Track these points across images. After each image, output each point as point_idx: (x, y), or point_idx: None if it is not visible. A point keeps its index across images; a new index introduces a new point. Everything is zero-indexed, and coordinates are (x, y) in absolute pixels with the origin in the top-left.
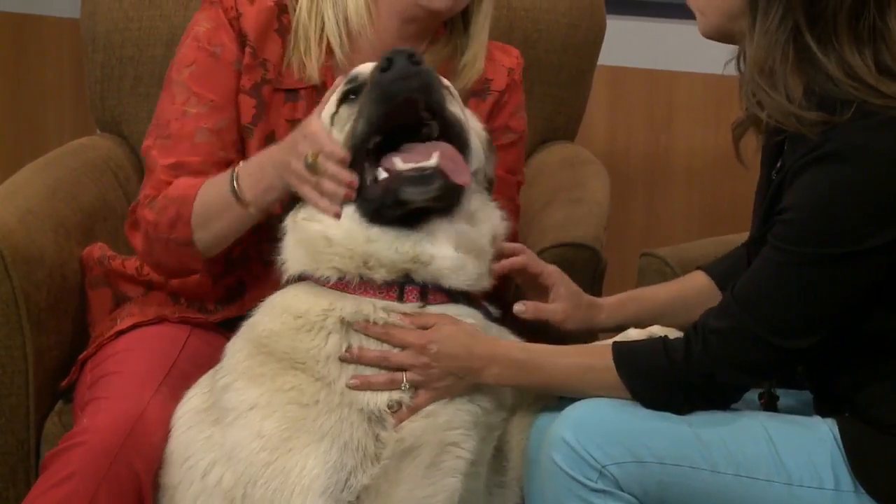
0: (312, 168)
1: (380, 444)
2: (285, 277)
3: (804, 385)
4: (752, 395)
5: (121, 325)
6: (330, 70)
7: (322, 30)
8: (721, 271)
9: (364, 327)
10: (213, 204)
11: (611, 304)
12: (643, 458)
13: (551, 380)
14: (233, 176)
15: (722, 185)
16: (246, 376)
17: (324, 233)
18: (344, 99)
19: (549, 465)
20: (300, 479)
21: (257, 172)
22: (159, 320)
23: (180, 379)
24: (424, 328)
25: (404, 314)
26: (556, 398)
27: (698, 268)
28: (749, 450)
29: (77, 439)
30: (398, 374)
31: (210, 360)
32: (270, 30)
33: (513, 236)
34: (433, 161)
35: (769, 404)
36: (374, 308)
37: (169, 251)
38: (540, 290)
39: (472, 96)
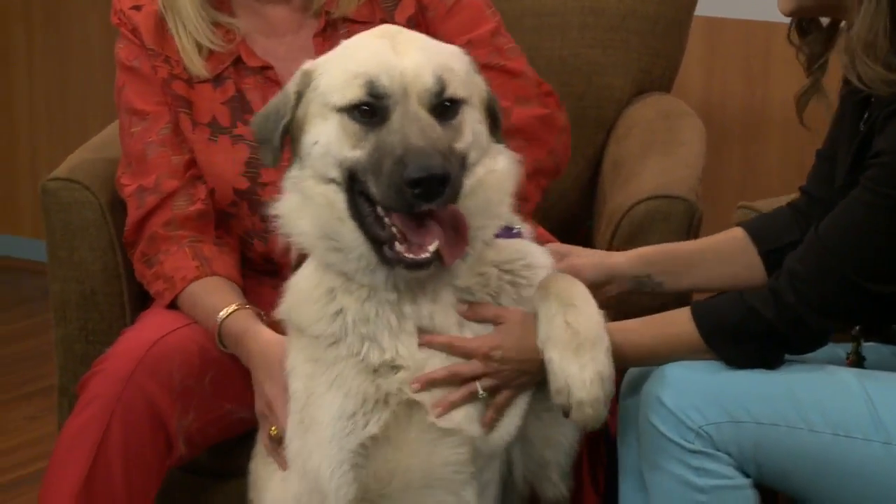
0: (275, 439)
1: (380, 392)
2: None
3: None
4: (841, 352)
5: None
6: (242, 42)
7: (195, 40)
8: (759, 228)
9: (428, 340)
10: (196, 311)
11: (632, 252)
12: (739, 418)
13: (631, 357)
14: (220, 323)
15: (819, 137)
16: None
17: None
18: (357, 109)
19: (645, 426)
20: (317, 433)
21: (239, 351)
22: None
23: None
24: (489, 322)
25: (467, 302)
26: None
27: (738, 224)
28: (847, 409)
29: (98, 367)
30: (473, 385)
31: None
32: (164, 29)
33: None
34: (431, 249)
35: (856, 365)
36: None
37: None
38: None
39: None
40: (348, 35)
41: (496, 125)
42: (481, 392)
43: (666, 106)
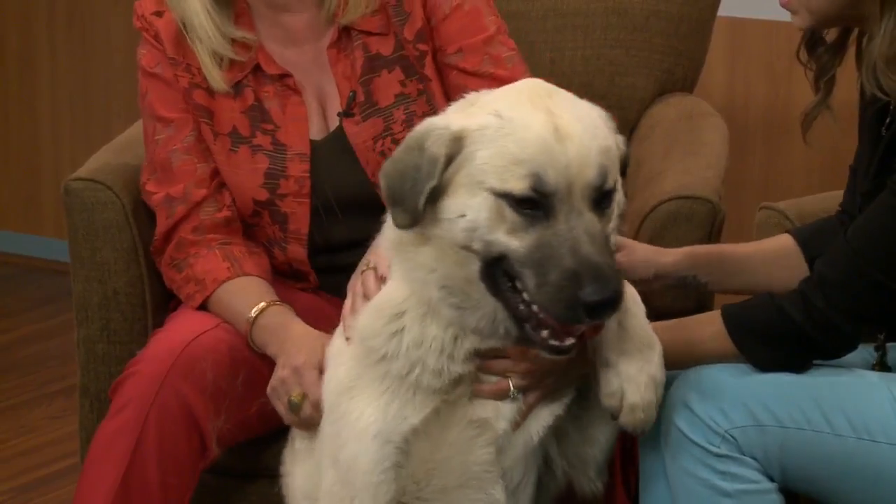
0: (294, 407)
1: (431, 398)
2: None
3: None
4: (868, 356)
5: None
6: (261, 50)
7: (212, 51)
8: (808, 235)
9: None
10: (227, 312)
11: (682, 251)
12: (765, 422)
13: (667, 360)
14: (253, 319)
15: (842, 138)
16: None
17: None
18: (520, 199)
19: (671, 430)
20: (356, 424)
21: (265, 346)
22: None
23: None
24: None
25: None
26: None
27: (787, 231)
28: (872, 412)
29: (131, 370)
30: (504, 383)
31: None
32: (184, 37)
33: None
34: (576, 335)
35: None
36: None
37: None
38: None
39: None
40: (363, 47)
41: (623, 174)
42: (513, 391)
43: (688, 106)
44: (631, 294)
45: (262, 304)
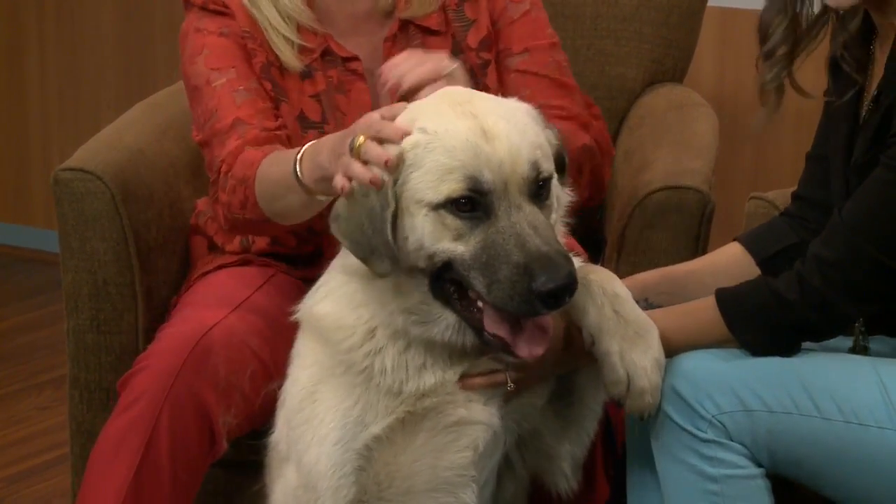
0: (355, 151)
1: (397, 404)
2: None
3: None
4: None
5: (208, 267)
6: (329, 37)
7: (281, 26)
8: (755, 239)
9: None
10: (277, 183)
11: (627, 280)
12: (753, 407)
13: (663, 345)
14: (297, 158)
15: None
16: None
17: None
18: (456, 203)
19: (658, 416)
20: (318, 429)
21: (315, 157)
22: (244, 262)
23: (253, 310)
24: None
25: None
26: None
27: (734, 239)
28: (861, 396)
29: (141, 364)
30: (500, 375)
31: (290, 300)
32: (255, 20)
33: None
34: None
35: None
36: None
37: (249, 226)
38: None
39: (465, 1)
40: (422, 46)
41: (562, 169)
42: (510, 385)
43: (678, 96)
44: (618, 281)
45: (303, 149)
